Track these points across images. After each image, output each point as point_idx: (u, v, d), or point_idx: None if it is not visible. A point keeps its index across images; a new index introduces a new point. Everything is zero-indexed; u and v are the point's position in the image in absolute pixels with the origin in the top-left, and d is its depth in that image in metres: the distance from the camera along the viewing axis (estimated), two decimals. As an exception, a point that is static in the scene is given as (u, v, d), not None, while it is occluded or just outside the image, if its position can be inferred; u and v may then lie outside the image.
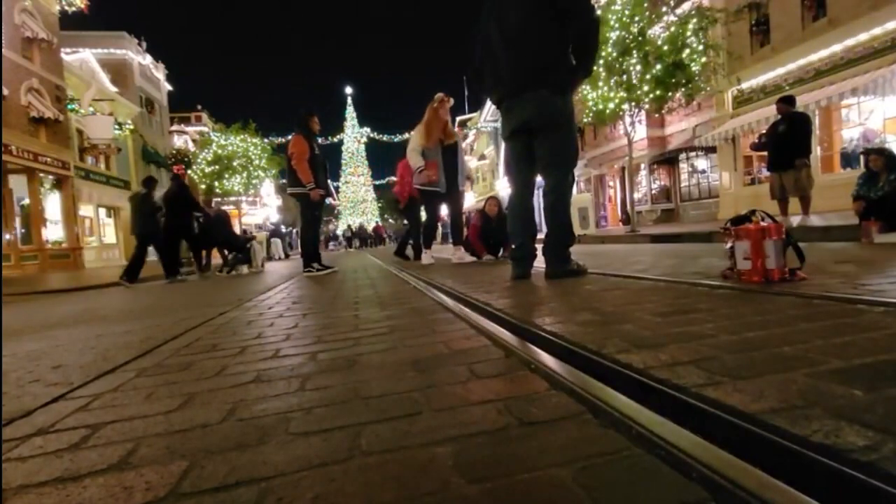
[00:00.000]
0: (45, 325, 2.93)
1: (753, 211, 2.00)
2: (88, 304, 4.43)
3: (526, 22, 2.63)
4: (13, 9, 13.51)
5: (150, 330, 2.23)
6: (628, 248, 6.13)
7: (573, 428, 0.73)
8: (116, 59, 21.43)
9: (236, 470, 0.69)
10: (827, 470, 0.54)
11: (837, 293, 1.54)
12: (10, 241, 13.49)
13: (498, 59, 2.78)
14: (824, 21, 11.12)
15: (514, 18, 2.66)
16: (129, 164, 20.78)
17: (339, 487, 0.62)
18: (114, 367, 1.46)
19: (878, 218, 4.14)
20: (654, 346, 1.09)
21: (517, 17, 2.65)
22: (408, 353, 1.31)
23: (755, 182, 13.67)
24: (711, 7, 10.67)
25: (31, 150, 13.58)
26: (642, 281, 2.34)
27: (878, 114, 10.66)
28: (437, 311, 2.01)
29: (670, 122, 17.81)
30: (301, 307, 2.61)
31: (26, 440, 0.89)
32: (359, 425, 0.82)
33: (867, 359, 0.89)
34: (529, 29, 2.62)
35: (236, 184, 20.65)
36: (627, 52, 9.43)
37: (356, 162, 54.45)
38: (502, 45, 2.72)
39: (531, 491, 0.57)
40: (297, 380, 1.14)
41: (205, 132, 27.63)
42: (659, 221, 18.32)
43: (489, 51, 2.84)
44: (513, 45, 2.68)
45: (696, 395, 0.78)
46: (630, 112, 10.24)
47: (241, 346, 1.62)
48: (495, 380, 1.01)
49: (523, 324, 1.48)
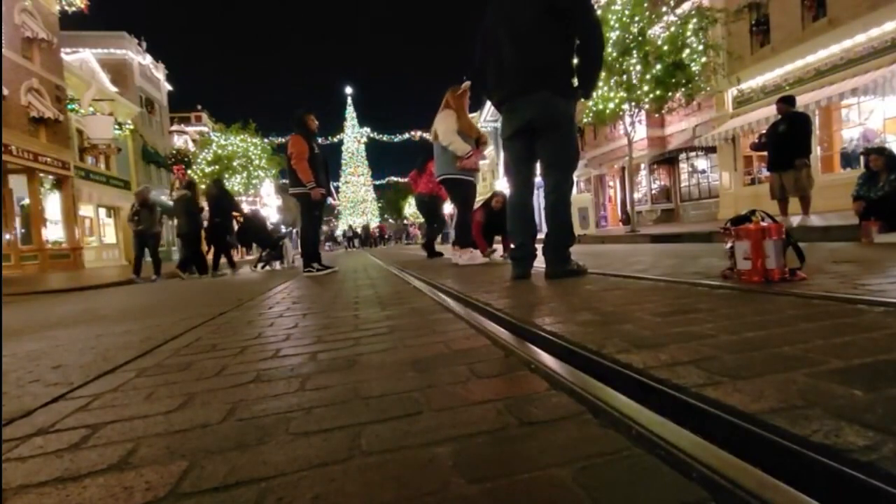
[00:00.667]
0: (45, 325, 2.93)
1: (753, 211, 2.00)
2: (88, 304, 4.43)
3: (533, 24, 2.64)
4: (13, 9, 13.51)
5: (149, 330, 2.23)
6: (628, 248, 6.13)
7: (573, 428, 0.73)
8: (116, 59, 21.43)
9: (236, 470, 0.69)
10: (827, 470, 0.54)
11: (837, 293, 1.54)
12: (10, 241, 13.49)
13: (503, 58, 2.78)
14: (824, 21, 11.12)
15: (522, 20, 2.67)
16: (129, 164, 20.79)
17: (339, 487, 0.62)
18: (114, 367, 1.46)
19: (878, 218, 4.14)
20: (654, 346, 1.09)
21: (525, 19, 2.67)
22: (408, 353, 1.31)
23: (755, 182, 13.67)
24: (711, 7, 10.67)
25: (31, 150, 13.58)
26: (642, 281, 2.34)
27: (878, 114, 10.66)
28: (437, 311, 2.01)
29: (670, 122, 17.81)
30: (301, 307, 2.61)
31: (26, 440, 0.89)
32: (359, 425, 0.82)
33: (867, 359, 0.89)
34: (536, 31, 2.64)
35: (236, 184, 20.62)
36: (627, 52, 9.42)
37: (356, 162, 54.49)
38: (509, 46, 2.73)
39: (531, 491, 0.57)
40: (297, 380, 1.14)
41: (205, 132, 27.62)
42: (659, 221, 18.33)
43: (493, 50, 2.85)
44: (520, 45, 2.69)
45: (696, 395, 0.78)
46: (630, 112, 10.24)
47: (241, 346, 1.62)
48: (495, 380, 1.01)
49: (523, 324, 1.48)
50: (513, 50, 2.72)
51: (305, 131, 5.36)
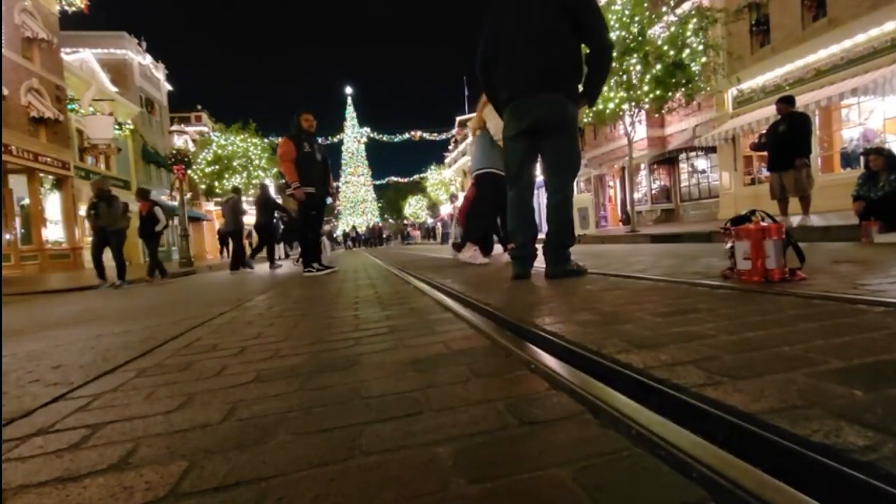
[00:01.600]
0: (45, 325, 2.93)
1: (753, 211, 2.00)
2: (88, 304, 4.43)
3: (549, 25, 2.69)
4: (13, 9, 13.51)
5: (149, 330, 2.23)
6: (628, 248, 6.13)
7: (573, 428, 0.73)
8: (116, 59, 21.42)
9: (236, 470, 0.69)
10: (827, 470, 0.54)
11: (837, 293, 1.54)
12: (10, 241, 13.49)
13: (515, 57, 2.79)
14: (824, 21, 11.12)
15: (539, 22, 2.71)
16: (129, 164, 20.77)
17: (339, 487, 0.62)
18: (114, 367, 1.46)
19: (878, 218, 4.14)
20: (654, 346, 1.09)
21: (542, 21, 2.71)
22: (408, 353, 1.31)
23: (755, 182, 13.67)
24: (711, 7, 10.67)
25: (31, 150, 13.57)
26: (642, 281, 2.34)
27: (878, 114, 10.66)
28: (437, 311, 2.01)
29: (670, 122, 17.81)
30: (301, 307, 2.61)
31: (26, 440, 0.89)
32: (359, 425, 0.82)
33: (867, 359, 0.89)
34: (552, 34, 2.69)
35: (236, 184, 20.64)
36: (627, 52, 9.42)
37: (356, 162, 54.49)
38: (524, 45, 2.75)
39: (531, 491, 0.57)
40: (297, 380, 1.14)
41: (205, 132, 27.61)
42: (659, 221, 18.32)
43: (504, 48, 2.85)
44: (535, 46, 2.72)
45: (696, 395, 0.78)
46: (630, 112, 10.24)
47: (241, 346, 1.62)
48: (495, 380, 1.01)
49: (523, 324, 1.48)
50: (527, 49, 2.73)
51: (296, 132, 5.35)
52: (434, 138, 42.00)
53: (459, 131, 39.41)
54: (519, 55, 2.77)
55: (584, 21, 2.66)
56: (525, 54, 2.74)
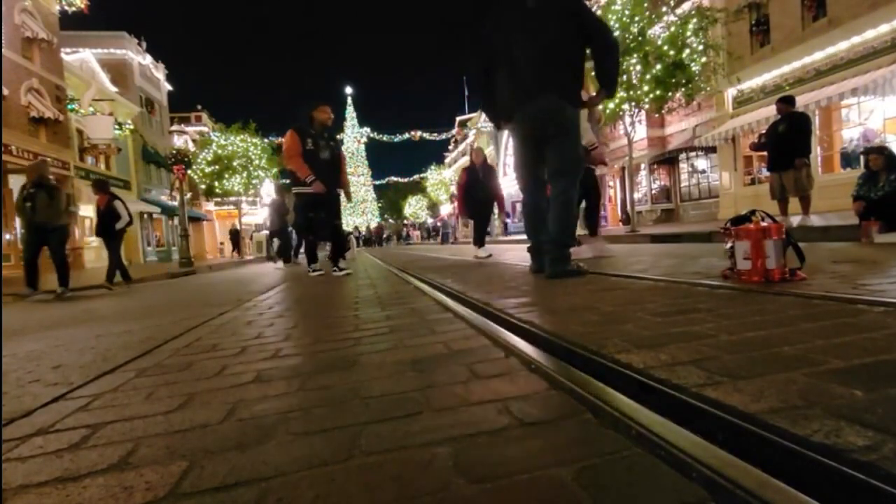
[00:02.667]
0: (45, 325, 2.93)
1: (753, 211, 2.00)
2: (88, 304, 4.43)
3: (556, 35, 2.74)
4: (13, 9, 13.50)
5: (149, 330, 2.23)
6: (628, 248, 6.12)
7: (573, 428, 0.73)
8: (116, 59, 21.41)
9: (236, 470, 0.69)
10: (827, 470, 0.54)
11: (837, 293, 1.54)
12: (10, 241, 13.48)
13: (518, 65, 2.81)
14: (824, 21, 11.11)
15: (548, 30, 2.75)
16: (129, 164, 20.77)
17: (339, 487, 0.62)
18: (114, 368, 1.46)
19: (878, 218, 4.13)
20: (654, 346, 1.09)
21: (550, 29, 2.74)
22: (408, 353, 1.31)
23: (755, 182, 13.66)
24: (711, 7, 10.66)
25: (31, 150, 13.56)
26: (642, 281, 2.34)
27: (878, 114, 10.64)
28: (436, 311, 2.01)
29: (670, 122, 17.79)
30: (301, 307, 2.61)
31: (26, 440, 0.89)
32: (359, 425, 0.82)
33: (867, 359, 0.89)
34: (559, 42, 2.74)
35: (236, 184, 20.59)
36: (627, 52, 9.41)
37: (356, 162, 54.47)
38: (530, 51, 2.77)
39: (531, 491, 0.57)
40: (297, 380, 1.14)
41: (205, 132, 27.59)
42: (659, 221, 18.31)
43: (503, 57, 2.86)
44: (542, 55, 2.75)
45: (696, 395, 0.78)
46: (630, 112, 10.23)
47: (241, 346, 1.62)
48: (495, 380, 1.00)
49: (523, 324, 1.48)
50: (532, 55, 2.76)
51: (304, 126, 4.89)
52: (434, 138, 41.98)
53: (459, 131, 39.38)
54: (522, 63, 2.79)
55: (587, 22, 2.73)
56: (530, 61, 2.77)
